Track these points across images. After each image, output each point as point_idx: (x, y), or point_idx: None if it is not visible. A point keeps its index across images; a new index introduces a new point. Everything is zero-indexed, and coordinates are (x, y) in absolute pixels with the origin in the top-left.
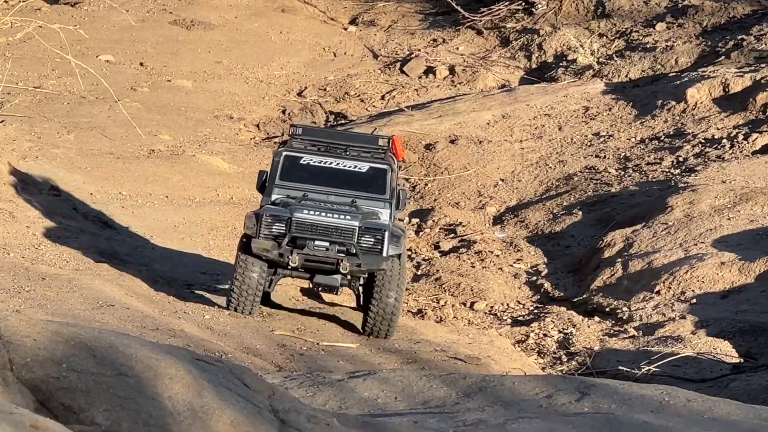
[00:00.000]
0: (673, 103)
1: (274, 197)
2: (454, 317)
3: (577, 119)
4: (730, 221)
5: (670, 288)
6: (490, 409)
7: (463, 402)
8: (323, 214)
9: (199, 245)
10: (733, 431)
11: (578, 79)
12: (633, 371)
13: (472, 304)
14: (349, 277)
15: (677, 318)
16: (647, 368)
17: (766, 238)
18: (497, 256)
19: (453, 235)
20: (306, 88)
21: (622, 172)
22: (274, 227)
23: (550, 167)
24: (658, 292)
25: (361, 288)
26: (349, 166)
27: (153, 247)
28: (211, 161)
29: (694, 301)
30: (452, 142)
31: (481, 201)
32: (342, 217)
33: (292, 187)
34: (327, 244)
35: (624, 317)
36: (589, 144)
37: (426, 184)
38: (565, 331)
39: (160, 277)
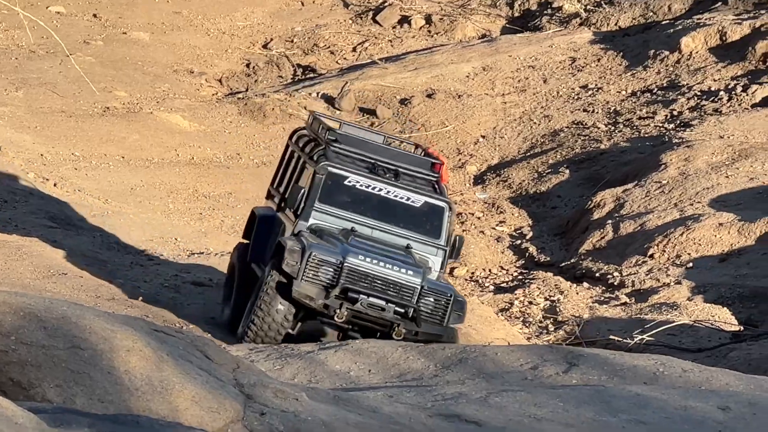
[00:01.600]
0: (667, 52)
1: (311, 222)
2: None
3: (564, 71)
4: (729, 179)
5: (664, 251)
6: (471, 382)
7: (442, 374)
8: (381, 263)
9: (158, 209)
10: (732, 403)
11: (564, 28)
12: (625, 341)
13: (452, 269)
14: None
15: (672, 283)
16: (640, 337)
17: (767, 196)
18: (478, 218)
19: None
20: (272, 39)
21: (612, 128)
22: (321, 271)
23: (535, 123)
24: (651, 256)
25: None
26: (402, 198)
27: (108, 212)
28: (170, 119)
29: (691, 265)
30: (429, 96)
31: (460, 159)
32: (403, 270)
33: (333, 213)
34: (383, 302)
35: (615, 283)
36: (576, 97)
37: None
38: (552, 298)
39: (115, 243)
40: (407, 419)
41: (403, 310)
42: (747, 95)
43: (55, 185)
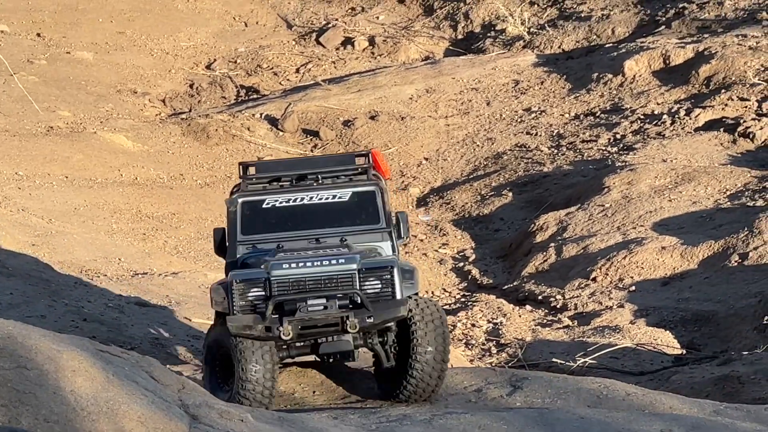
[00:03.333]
0: (610, 76)
1: (238, 257)
2: None
3: (507, 93)
4: (672, 203)
5: (607, 274)
6: (415, 404)
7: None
8: (309, 263)
9: (102, 229)
10: (676, 427)
11: (508, 51)
12: (568, 363)
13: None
14: (361, 334)
15: (615, 306)
16: (583, 360)
17: (710, 220)
18: (421, 240)
19: None
20: (215, 60)
21: (555, 151)
22: (249, 294)
23: (478, 145)
24: (594, 279)
25: (380, 345)
26: (326, 198)
27: (52, 231)
28: (113, 139)
29: (633, 288)
30: (372, 118)
31: (403, 182)
32: (334, 261)
33: (259, 240)
34: (324, 301)
35: (558, 306)
36: (519, 120)
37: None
38: (495, 320)
39: (60, 261)
40: None
41: (347, 301)
42: (690, 119)
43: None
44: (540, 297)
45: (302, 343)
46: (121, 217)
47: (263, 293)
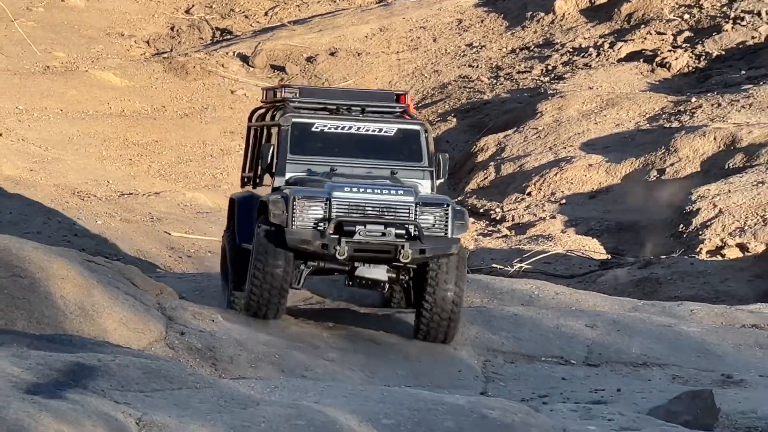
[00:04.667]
0: (542, 14)
1: (288, 176)
2: None
3: (451, 31)
4: (597, 125)
5: (540, 189)
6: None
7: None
8: (369, 190)
9: (93, 155)
10: (599, 321)
11: None
12: (506, 268)
13: None
14: (398, 270)
15: (548, 218)
16: (520, 265)
17: (631, 141)
18: None
19: None
20: (193, 5)
21: (494, 81)
22: (310, 212)
23: (426, 77)
24: (529, 194)
25: (410, 282)
26: (375, 130)
27: (48, 158)
28: (103, 76)
29: (564, 201)
30: (332, 54)
31: None
32: (393, 191)
33: (308, 162)
34: (382, 227)
35: (497, 218)
36: (462, 54)
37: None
38: None
39: (55, 184)
40: (310, 336)
41: (403, 231)
42: (613, 51)
43: (0, 135)
44: (481, 210)
45: (345, 263)
46: (110, 144)
47: (323, 213)
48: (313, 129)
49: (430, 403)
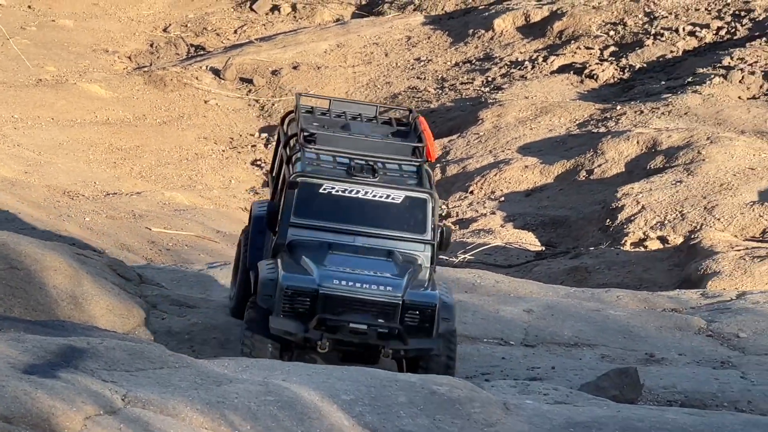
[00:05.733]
0: (483, 31)
1: (289, 238)
2: None
3: (401, 47)
4: (532, 131)
5: (482, 188)
6: None
7: None
8: (358, 284)
9: (81, 159)
10: (535, 306)
11: (402, 13)
12: (451, 259)
13: None
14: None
15: (488, 214)
16: (463, 257)
17: (563, 144)
18: None
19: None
20: (170, 24)
21: (440, 91)
22: (296, 303)
23: (379, 88)
24: (471, 192)
25: (403, 354)
26: (381, 196)
27: (41, 162)
28: (90, 88)
29: (503, 199)
30: (295, 68)
31: None
32: (382, 288)
33: (309, 226)
34: (365, 326)
35: (443, 214)
36: (411, 68)
37: (273, 104)
38: None
39: (47, 185)
40: None
41: (386, 331)
42: (547, 64)
43: None
44: None
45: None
46: (96, 149)
47: (309, 305)
48: (320, 191)
49: (385, 381)
